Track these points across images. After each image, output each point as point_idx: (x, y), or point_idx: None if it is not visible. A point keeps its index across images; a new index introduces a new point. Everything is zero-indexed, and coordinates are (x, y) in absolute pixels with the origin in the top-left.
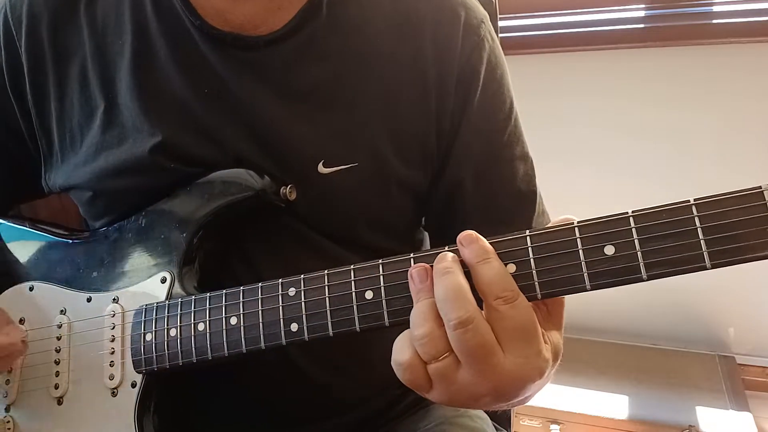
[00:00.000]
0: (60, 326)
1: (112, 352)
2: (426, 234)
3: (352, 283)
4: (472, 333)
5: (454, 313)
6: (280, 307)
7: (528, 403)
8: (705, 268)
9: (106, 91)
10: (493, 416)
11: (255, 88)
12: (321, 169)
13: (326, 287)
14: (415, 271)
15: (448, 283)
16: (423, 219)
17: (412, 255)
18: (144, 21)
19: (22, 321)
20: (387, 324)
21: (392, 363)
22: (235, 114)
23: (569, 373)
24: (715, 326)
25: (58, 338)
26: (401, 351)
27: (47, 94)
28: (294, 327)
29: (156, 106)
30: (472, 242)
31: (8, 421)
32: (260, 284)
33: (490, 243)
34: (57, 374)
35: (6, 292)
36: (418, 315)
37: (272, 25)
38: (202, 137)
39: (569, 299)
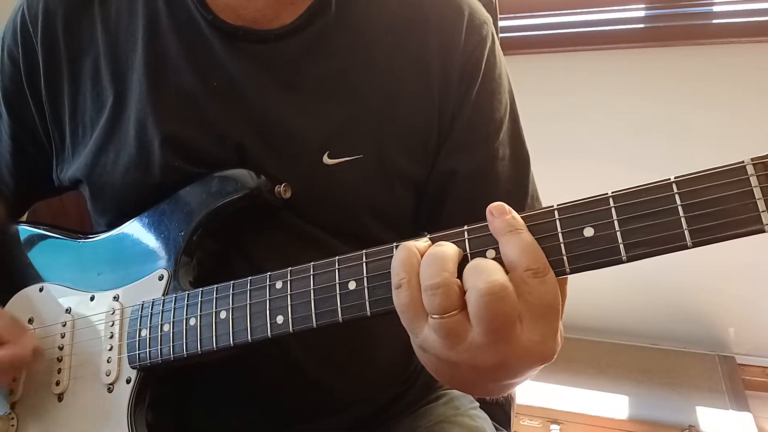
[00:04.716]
0: (64, 325)
1: (110, 349)
2: None
3: (336, 273)
4: (501, 302)
5: (487, 276)
6: (267, 300)
7: (528, 403)
8: (686, 247)
9: (117, 86)
10: (493, 416)
11: (262, 80)
12: (326, 160)
13: (311, 278)
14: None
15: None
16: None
17: (395, 244)
18: (156, 17)
19: (30, 321)
20: (369, 314)
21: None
22: (242, 106)
23: (569, 373)
24: (715, 326)
25: (62, 336)
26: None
27: (61, 89)
28: (280, 319)
29: (165, 101)
30: (504, 213)
31: (12, 418)
32: (249, 278)
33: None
34: (59, 371)
35: (19, 293)
36: (434, 261)
37: (283, 20)
38: (207, 131)
39: (569, 299)
